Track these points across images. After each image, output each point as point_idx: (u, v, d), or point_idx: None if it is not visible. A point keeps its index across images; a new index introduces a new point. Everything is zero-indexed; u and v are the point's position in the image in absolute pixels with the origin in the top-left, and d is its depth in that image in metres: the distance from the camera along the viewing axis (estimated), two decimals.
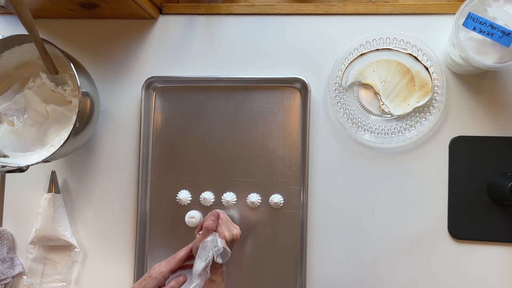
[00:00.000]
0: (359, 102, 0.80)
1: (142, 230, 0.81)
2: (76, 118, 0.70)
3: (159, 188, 0.82)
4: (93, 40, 0.85)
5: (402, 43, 0.79)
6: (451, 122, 0.79)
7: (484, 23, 0.67)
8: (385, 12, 0.81)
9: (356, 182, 0.80)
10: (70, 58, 0.72)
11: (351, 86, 0.80)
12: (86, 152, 0.84)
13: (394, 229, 0.79)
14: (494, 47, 0.68)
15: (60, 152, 0.71)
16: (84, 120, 0.73)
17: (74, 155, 0.84)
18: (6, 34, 0.73)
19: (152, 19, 0.84)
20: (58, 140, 0.74)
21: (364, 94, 0.80)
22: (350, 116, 0.80)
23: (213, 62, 0.83)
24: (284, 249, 0.79)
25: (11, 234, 0.84)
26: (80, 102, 0.70)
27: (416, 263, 0.78)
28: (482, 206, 0.77)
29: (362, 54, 0.79)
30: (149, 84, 0.82)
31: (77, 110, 0.71)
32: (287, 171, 0.80)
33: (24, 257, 0.84)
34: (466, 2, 0.68)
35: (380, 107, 0.79)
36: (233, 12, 0.83)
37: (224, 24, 0.84)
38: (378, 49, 0.79)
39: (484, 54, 0.69)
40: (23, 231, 0.84)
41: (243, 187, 0.81)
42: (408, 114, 0.78)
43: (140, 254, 0.81)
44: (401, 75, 0.78)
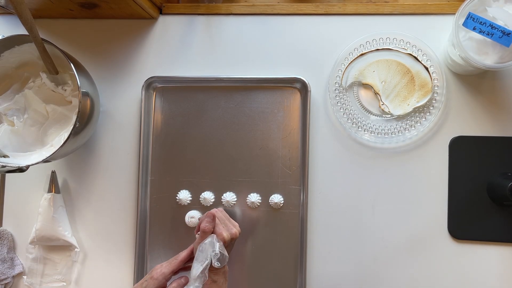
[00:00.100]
0: (359, 102, 0.80)
1: (142, 230, 0.81)
2: (76, 118, 0.70)
3: (159, 188, 0.82)
4: (93, 40, 0.85)
5: (402, 43, 0.79)
6: (451, 122, 0.79)
7: (484, 23, 0.67)
8: (385, 12, 0.81)
9: (356, 182, 0.80)
10: (70, 58, 0.72)
11: (351, 86, 0.80)
12: (86, 152, 0.84)
13: (394, 229, 0.79)
14: (494, 47, 0.68)
15: (60, 152, 0.71)
16: (84, 120, 0.73)
17: (74, 155, 0.84)
18: (6, 34, 0.73)
19: (152, 19, 0.84)
20: (58, 140, 0.74)
21: (364, 94, 0.80)
22: (350, 116, 0.80)
23: (213, 62, 0.83)
24: (284, 249, 0.79)
25: (11, 234, 0.84)
26: (80, 102, 0.70)
27: (416, 263, 0.78)
28: (482, 206, 0.77)
29: (362, 54, 0.79)
30: (149, 84, 0.82)
31: (77, 110, 0.71)
32: (287, 171, 0.80)
33: (24, 257, 0.84)
34: (466, 2, 0.68)
35: (380, 107, 0.79)
36: (233, 12, 0.83)
37: (224, 24, 0.84)
38: (378, 49, 0.79)
39: (484, 54, 0.69)
40: (23, 231, 0.84)
41: (243, 187, 0.81)
42: (408, 114, 0.78)
43: (140, 254, 0.81)
44: (401, 75, 0.78)
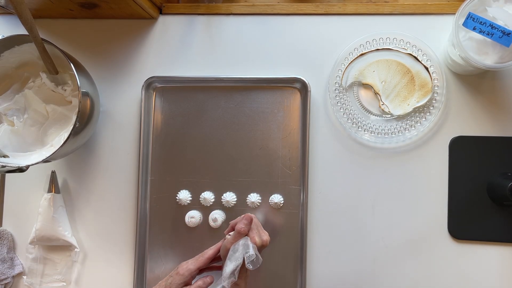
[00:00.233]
0: (359, 102, 0.80)
1: (142, 230, 0.81)
2: (76, 118, 0.70)
3: (159, 188, 0.82)
4: (93, 40, 0.85)
5: (402, 43, 0.79)
6: (451, 122, 0.79)
7: (484, 23, 0.67)
8: (385, 12, 0.81)
9: (356, 182, 0.80)
10: (70, 58, 0.72)
11: (351, 86, 0.80)
12: (86, 152, 0.84)
13: (394, 229, 0.79)
14: (494, 47, 0.68)
15: (60, 152, 0.71)
16: (84, 120, 0.73)
17: (74, 155, 0.84)
18: (6, 34, 0.73)
19: (152, 19, 0.84)
20: (58, 140, 0.74)
21: (364, 94, 0.80)
22: (350, 116, 0.80)
23: (213, 62, 0.83)
24: (284, 249, 0.79)
25: (11, 234, 0.84)
26: (80, 102, 0.70)
27: (416, 263, 0.78)
28: (482, 206, 0.77)
29: (362, 54, 0.79)
30: (149, 84, 0.82)
31: (77, 110, 0.71)
32: (287, 171, 0.80)
33: (24, 257, 0.84)
34: (466, 2, 0.68)
35: (380, 107, 0.79)
36: (233, 12, 0.83)
37: (224, 24, 0.84)
38: (378, 49, 0.79)
39: (484, 54, 0.69)
40: (23, 231, 0.84)
41: (243, 187, 0.81)
42: (408, 114, 0.78)
43: (140, 254, 0.81)
44: (401, 75, 0.78)
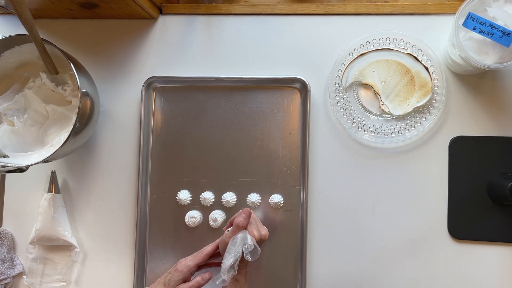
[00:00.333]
0: (359, 102, 0.80)
1: (142, 230, 0.81)
2: (76, 118, 0.70)
3: (159, 188, 0.82)
4: (93, 40, 0.85)
5: (402, 43, 0.79)
6: (451, 122, 0.79)
7: (484, 23, 0.67)
8: (385, 12, 0.81)
9: (356, 182, 0.80)
10: (70, 58, 0.72)
11: (351, 86, 0.80)
12: (86, 152, 0.84)
13: (394, 229, 0.79)
14: (494, 47, 0.68)
15: (60, 152, 0.71)
16: (84, 120, 0.73)
17: (74, 155, 0.84)
18: (6, 34, 0.73)
19: (152, 19, 0.84)
20: (58, 140, 0.74)
21: (364, 94, 0.80)
22: (350, 116, 0.80)
23: (213, 62, 0.83)
24: (284, 249, 0.79)
25: (11, 234, 0.84)
26: (80, 102, 0.70)
27: (416, 263, 0.78)
28: (482, 206, 0.77)
29: (362, 54, 0.79)
30: (149, 84, 0.82)
31: (77, 110, 0.71)
32: (287, 171, 0.80)
33: (24, 257, 0.84)
34: (466, 2, 0.68)
35: (380, 107, 0.79)
36: (233, 12, 0.83)
37: (224, 24, 0.84)
38: (378, 49, 0.79)
39: (484, 54, 0.69)
40: (23, 231, 0.84)
41: (243, 187, 0.81)
42: (408, 114, 0.78)
43: (140, 254, 0.81)
44: (401, 75, 0.78)
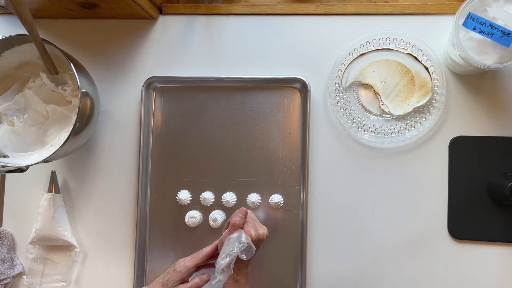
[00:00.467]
0: (359, 102, 0.80)
1: (142, 230, 0.81)
2: (76, 118, 0.70)
3: (159, 188, 0.82)
4: (93, 40, 0.85)
5: (402, 43, 0.79)
6: (451, 122, 0.79)
7: (484, 23, 0.67)
8: (385, 12, 0.81)
9: (356, 182, 0.80)
10: (70, 58, 0.72)
11: (351, 86, 0.80)
12: (86, 152, 0.84)
13: (394, 229, 0.79)
14: (494, 47, 0.68)
15: (60, 152, 0.71)
16: (84, 120, 0.73)
17: (74, 155, 0.84)
18: (6, 34, 0.73)
19: (152, 19, 0.84)
20: (58, 140, 0.74)
21: (364, 94, 0.80)
22: (350, 116, 0.80)
23: (213, 62, 0.83)
24: (284, 249, 0.79)
25: (11, 234, 0.84)
26: (80, 102, 0.70)
27: (416, 263, 0.78)
28: (482, 206, 0.77)
29: (362, 54, 0.79)
30: (149, 84, 0.82)
31: (77, 110, 0.71)
32: (287, 171, 0.80)
33: (24, 257, 0.84)
34: (466, 2, 0.68)
35: (380, 107, 0.79)
36: (233, 12, 0.83)
37: (224, 24, 0.84)
38: (378, 49, 0.79)
39: (484, 54, 0.69)
40: (23, 231, 0.84)
41: (243, 187, 0.81)
42: (408, 114, 0.78)
43: (140, 254, 0.81)
44: (401, 75, 0.78)
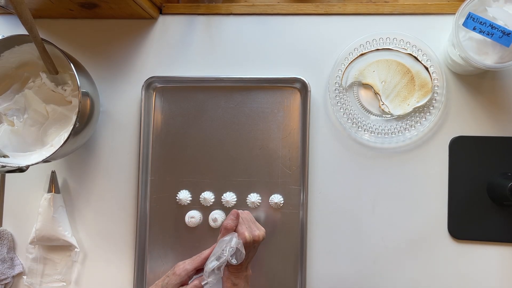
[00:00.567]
0: (359, 102, 0.80)
1: (142, 230, 0.81)
2: (76, 118, 0.70)
3: (159, 188, 0.82)
4: (93, 40, 0.85)
5: (402, 43, 0.79)
6: (451, 122, 0.79)
7: (484, 23, 0.67)
8: (385, 12, 0.81)
9: (356, 182, 0.80)
10: (70, 58, 0.72)
11: (351, 86, 0.80)
12: (86, 152, 0.84)
13: (394, 229, 0.79)
14: (494, 47, 0.68)
15: (60, 152, 0.71)
16: (84, 120, 0.73)
17: (74, 155, 0.84)
18: (6, 34, 0.73)
19: (152, 19, 0.84)
20: (58, 140, 0.74)
21: (364, 94, 0.80)
22: (350, 116, 0.80)
23: (213, 62, 0.83)
24: (284, 249, 0.79)
25: (11, 234, 0.84)
26: (80, 102, 0.70)
27: (416, 263, 0.78)
28: (482, 206, 0.77)
29: (362, 54, 0.79)
30: (149, 84, 0.82)
31: (77, 110, 0.71)
32: (287, 171, 0.80)
33: (24, 257, 0.84)
34: (466, 2, 0.68)
35: (380, 107, 0.79)
36: (233, 12, 0.83)
37: (224, 24, 0.84)
38: (378, 49, 0.79)
39: (484, 54, 0.69)
40: (23, 231, 0.84)
41: (243, 187, 0.81)
42: (408, 114, 0.78)
43: (140, 254, 0.81)
44: (401, 75, 0.78)
